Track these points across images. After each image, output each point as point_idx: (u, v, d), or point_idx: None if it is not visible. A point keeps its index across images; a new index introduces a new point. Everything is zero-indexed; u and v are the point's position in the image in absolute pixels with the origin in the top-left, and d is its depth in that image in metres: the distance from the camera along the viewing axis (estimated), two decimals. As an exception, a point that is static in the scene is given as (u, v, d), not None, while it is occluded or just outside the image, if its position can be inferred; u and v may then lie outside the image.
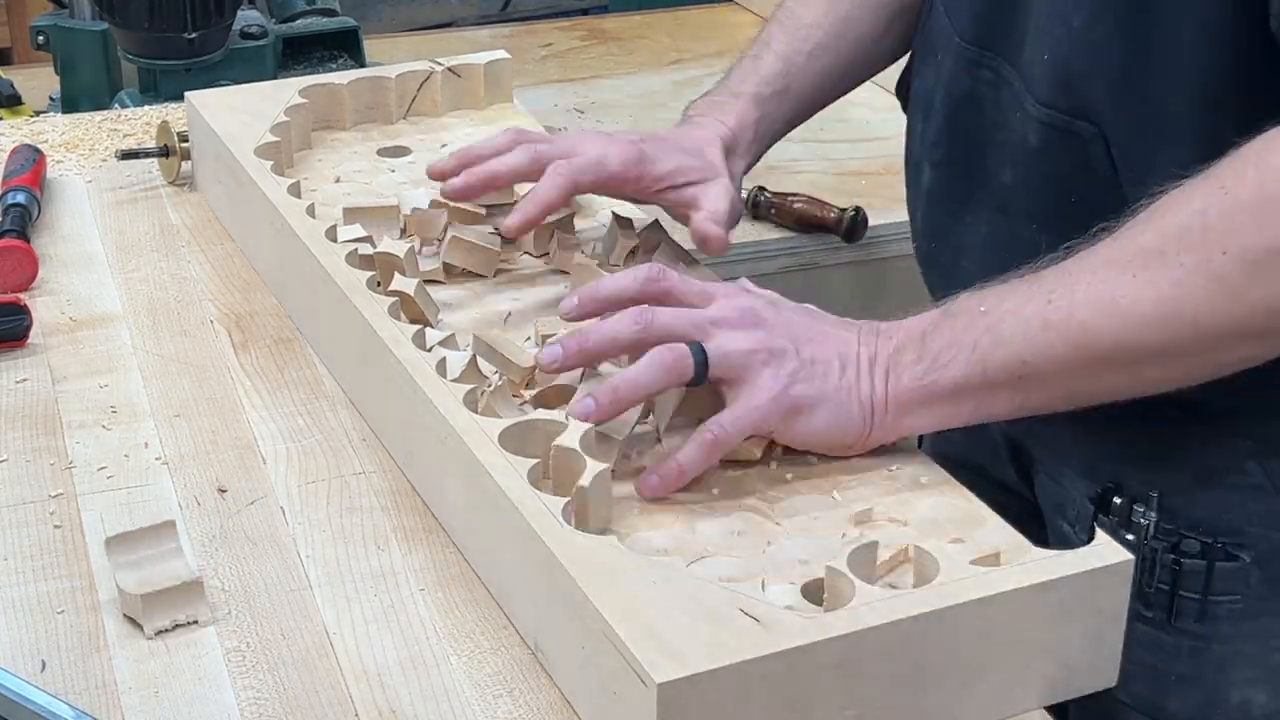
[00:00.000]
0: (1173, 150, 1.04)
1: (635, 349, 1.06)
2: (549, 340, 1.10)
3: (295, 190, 1.35)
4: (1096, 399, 1.05)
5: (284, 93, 1.54)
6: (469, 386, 1.09)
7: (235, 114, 1.49)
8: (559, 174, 1.25)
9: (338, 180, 1.47)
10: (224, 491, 1.14)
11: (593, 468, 0.99)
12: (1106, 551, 0.95)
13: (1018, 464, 1.28)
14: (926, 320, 1.06)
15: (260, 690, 0.96)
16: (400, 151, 1.53)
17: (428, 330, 1.17)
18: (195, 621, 1.01)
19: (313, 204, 1.33)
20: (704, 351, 1.04)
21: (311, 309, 1.30)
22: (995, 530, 1.00)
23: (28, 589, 1.05)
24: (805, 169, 1.96)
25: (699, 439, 1.04)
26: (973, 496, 1.04)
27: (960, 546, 0.98)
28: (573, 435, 1.01)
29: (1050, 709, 0.96)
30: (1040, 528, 1.21)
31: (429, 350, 1.14)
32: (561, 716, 0.94)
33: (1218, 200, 0.97)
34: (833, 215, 1.80)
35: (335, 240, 1.27)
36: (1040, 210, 1.13)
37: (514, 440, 1.04)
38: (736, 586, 0.94)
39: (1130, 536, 1.12)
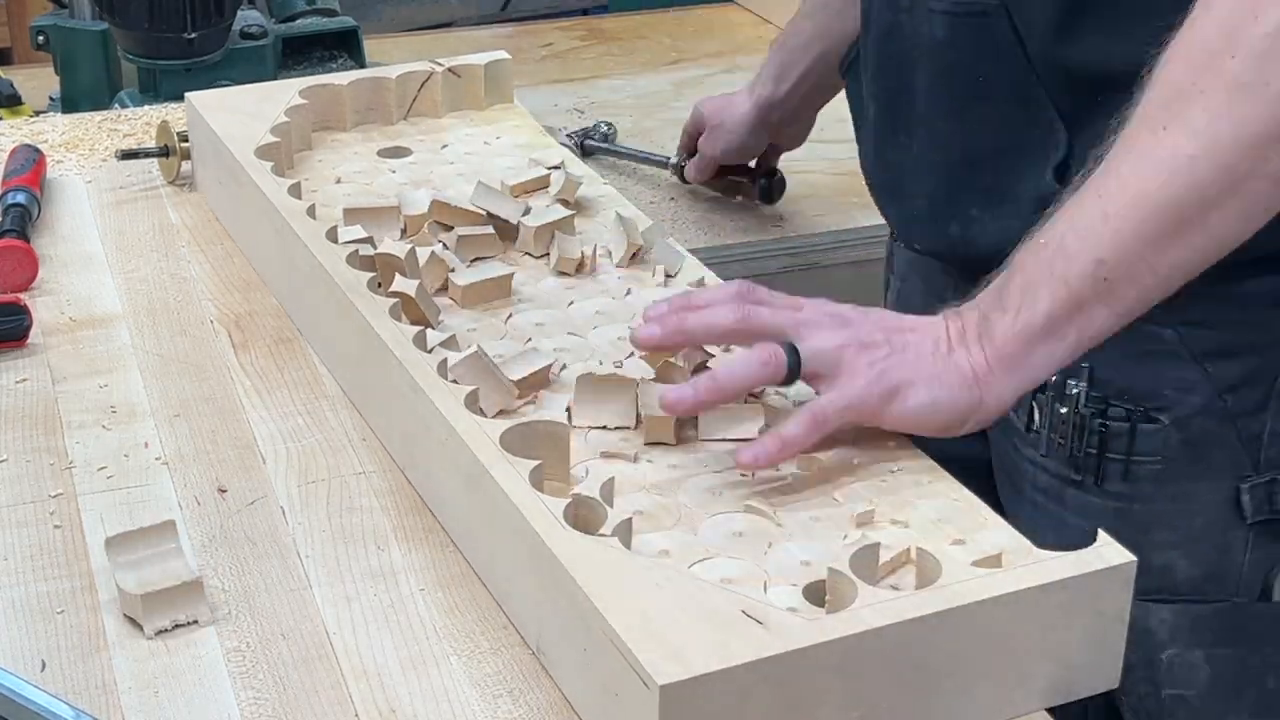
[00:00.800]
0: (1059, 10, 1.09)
1: (730, 339, 1.12)
2: (648, 319, 1.12)
3: (296, 191, 1.35)
4: (1186, 272, 1.04)
5: (284, 93, 1.54)
6: (470, 388, 1.09)
7: (235, 114, 1.49)
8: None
9: (338, 181, 1.47)
10: (224, 491, 1.14)
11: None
12: (1108, 553, 0.95)
13: None
14: (998, 282, 1.08)
15: (260, 690, 0.96)
16: (401, 152, 1.53)
17: (428, 331, 1.17)
18: (195, 621, 1.01)
19: (313, 205, 1.33)
20: (797, 351, 1.07)
21: (312, 310, 1.30)
22: (997, 531, 1.00)
23: (28, 589, 1.04)
24: (805, 169, 1.96)
25: (800, 416, 1.05)
26: (974, 498, 1.04)
27: (962, 548, 0.98)
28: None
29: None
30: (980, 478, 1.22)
31: (430, 351, 1.14)
32: (562, 717, 0.94)
33: (1208, 21, 1.00)
34: (748, 178, 1.84)
35: (336, 241, 1.27)
36: (953, 104, 1.18)
37: (515, 442, 1.04)
38: (738, 588, 0.94)
39: (1063, 409, 1.17)
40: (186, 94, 1.56)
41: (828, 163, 1.97)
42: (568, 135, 1.96)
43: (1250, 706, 1.19)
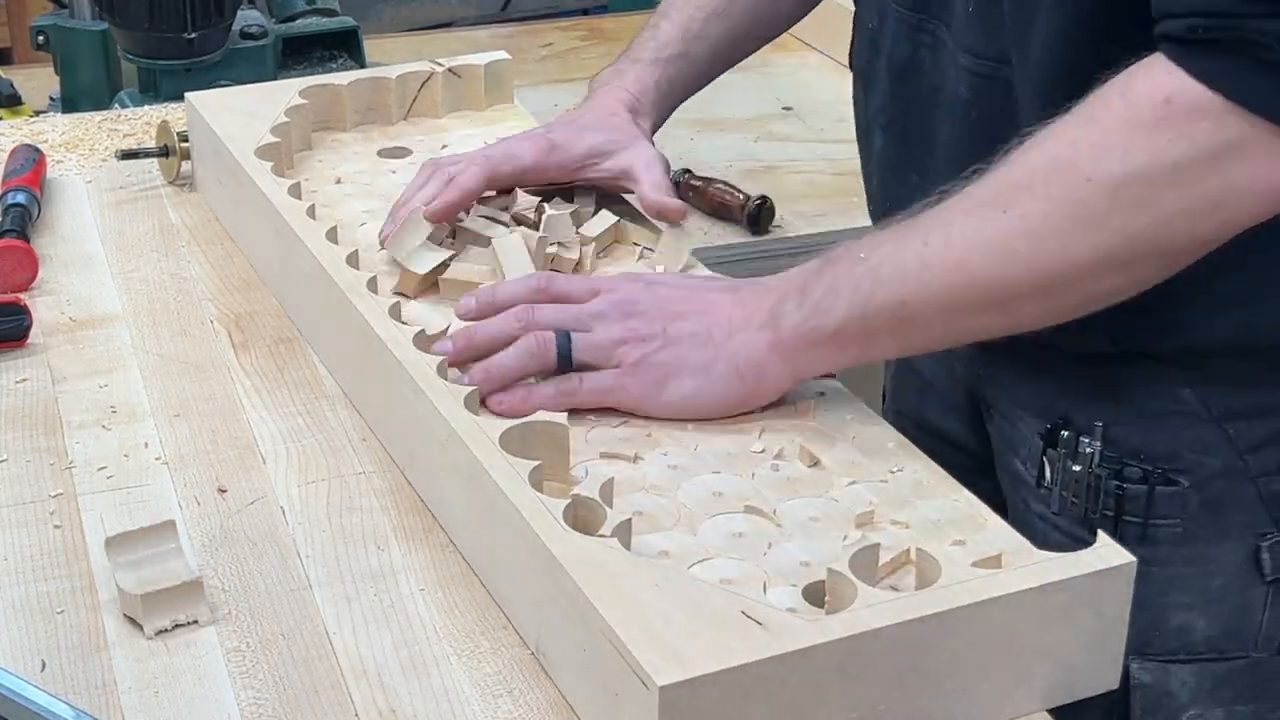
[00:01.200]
0: (1064, 94, 1.07)
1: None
2: (444, 336, 1.17)
3: (296, 191, 1.35)
4: (974, 338, 1.11)
5: (284, 93, 1.54)
6: (471, 388, 1.09)
7: (235, 114, 1.49)
8: (476, 164, 1.31)
9: (338, 181, 1.47)
10: (224, 491, 1.14)
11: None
12: (1108, 554, 0.95)
13: (971, 415, 1.31)
14: (808, 270, 1.11)
15: (260, 690, 0.96)
16: (401, 152, 1.53)
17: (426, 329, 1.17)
18: (195, 621, 1.01)
19: (313, 205, 1.33)
20: (569, 339, 1.12)
21: (312, 310, 1.30)
22: (997, 532, 1.00)
23: (28, 589, 1.04)
24: (805, 169, 1.96)
25: (555, 387, 1.12)
26: (974, 499, 1.04)
27: (962, 548, 0.98)
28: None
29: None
30: (986, 479, 1.24)
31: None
32: (562, 717, 0.94)
33: (1084, 132, 1.01)
34: (739, 201, 1.81)
35: (335, 242, 1.27)
36: (974, 163, 1.14)
37: (515, 442, 1.04)
38: (738, 589, 0.94)
39: (1076, 467, 1.16)
40: (186, 95, 1.56)
41: (828, 163, 1.98)
42: None
43: None
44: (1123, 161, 0.99)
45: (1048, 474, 1.19)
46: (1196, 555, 1.15)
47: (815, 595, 0.96)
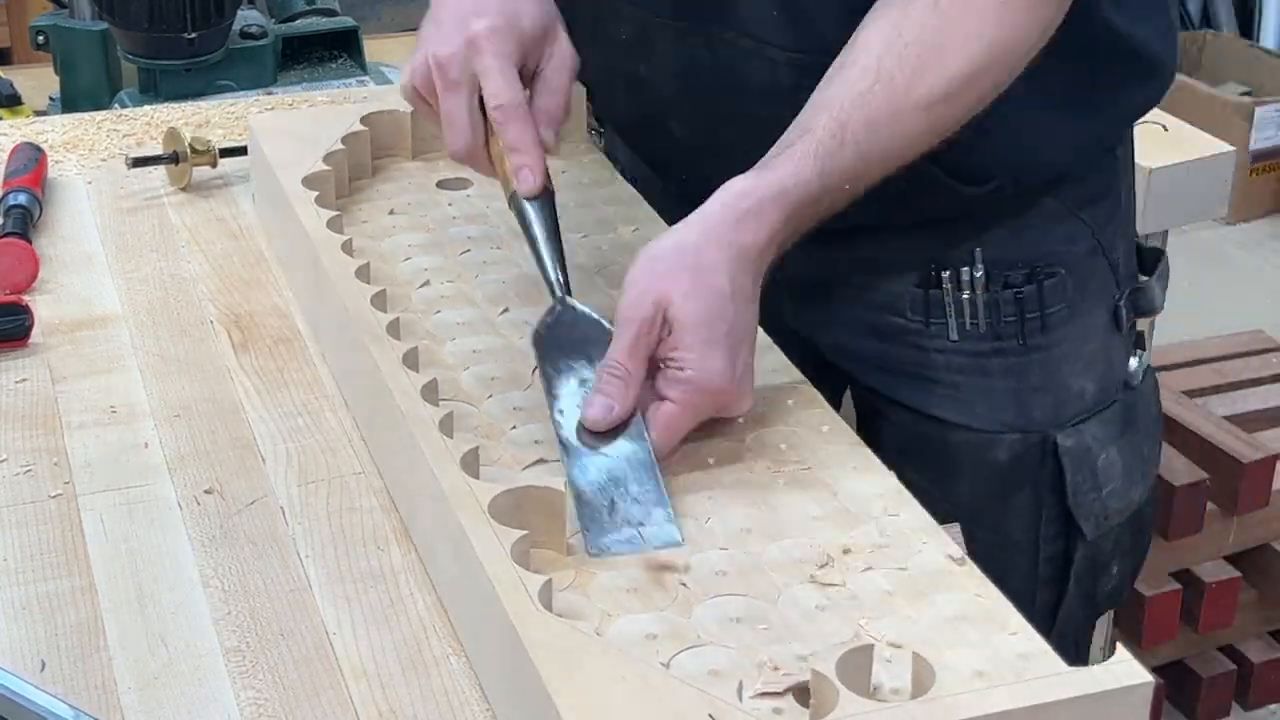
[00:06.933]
0: None
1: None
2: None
3: (337, 224, 1.31)
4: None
5: (349, 119, 1.48)
6: (469, 447, 1.04)
7: (292, 140, 1.44)
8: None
9: (391, 212, 1.42)
10: (210, 493, 1.13)
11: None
12: (1121, 671, 0.86)
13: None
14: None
15: (260, 690, 0.96)
16: (461, 184, 1.46)
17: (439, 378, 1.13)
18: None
19: (350, 239, 1.28)
20: None
21: (337, 347, 1.26)
22: (1020, 636, 0.91)
23: (28, 589, 1.05)
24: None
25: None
26: (1000, 595, 0.95)
27: (973, 651, 0.89)
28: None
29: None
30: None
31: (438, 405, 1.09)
32: (562, 717, 0.94)
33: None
34: None
35: (368, 281, 1.24)
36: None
37: (506, 509, 0.99)
38: (721, 682, 0.87)
39: (966, 294, 1.31)
40: (250, 119, 1.52)
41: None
42: None
43: (1139, 478, 1.38)
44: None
45: (938, 311, 1.32)
46: (1077, 329, 1.34)
47: (805, 695, 0.87)
